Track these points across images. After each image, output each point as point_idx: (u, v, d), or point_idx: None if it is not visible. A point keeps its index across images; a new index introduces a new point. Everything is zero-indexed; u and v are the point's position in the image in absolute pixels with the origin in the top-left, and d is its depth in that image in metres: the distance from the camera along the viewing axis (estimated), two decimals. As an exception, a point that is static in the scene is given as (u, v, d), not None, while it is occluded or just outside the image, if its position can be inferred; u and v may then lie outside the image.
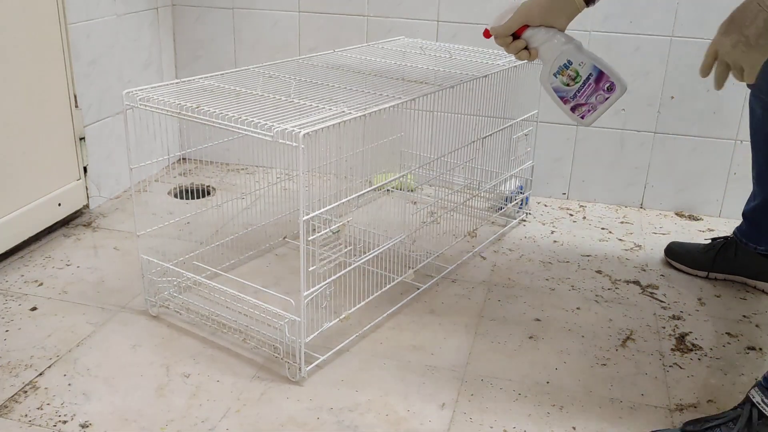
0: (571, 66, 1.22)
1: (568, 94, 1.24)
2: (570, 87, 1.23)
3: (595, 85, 1.22)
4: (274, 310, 1.23)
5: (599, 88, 1.22)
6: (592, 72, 1.21)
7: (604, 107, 1.24)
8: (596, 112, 1.25)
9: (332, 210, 1.19)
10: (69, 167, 1.74)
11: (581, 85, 1.23)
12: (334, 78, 1.42)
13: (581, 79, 1.22)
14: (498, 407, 1.15)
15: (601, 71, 1.21)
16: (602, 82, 1.22)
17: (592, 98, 1.23)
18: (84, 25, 1.75)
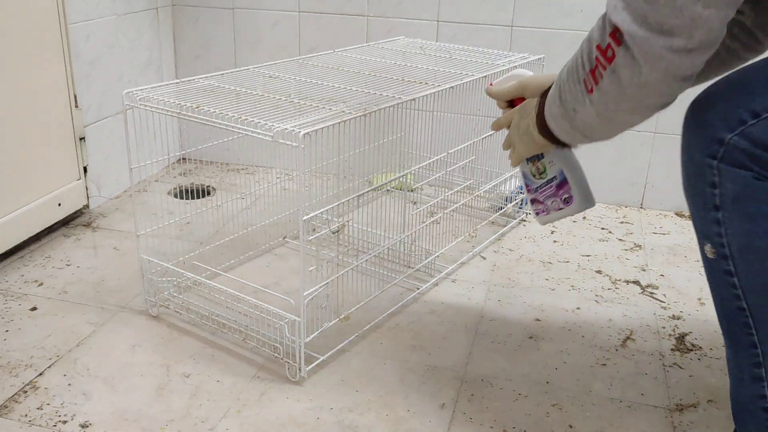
0: (541, 159, 1.13)
1: (532, 185, 1.17)
2: (535, 179, 1.15)
3: (555, 190, 1.13)
4: (274, 310, 1.23)
5: (558, 195, 1.13)
6: (557, 176, 1.12)
7: (557, 215, 1.15)
8: (549, 216, 1.16)
9: (332, 210, 1.19)
10: (69, 167, 1.74)
11: (544, 183, 1.14)
12: (334, 78, 1.42)
13: (546, 177, 1.13)
14: (498, 407, 1.15)
15: (565, 179, 1.12)
16: (562, 190, 1.13)
17: (549, 201, 1.15)
18: (84, 25, 1.75)
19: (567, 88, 0.86)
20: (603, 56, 0.77)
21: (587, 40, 0.81)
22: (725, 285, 0.88)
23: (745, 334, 0.89)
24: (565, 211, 1.15)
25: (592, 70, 0.80)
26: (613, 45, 0.76)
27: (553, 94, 0.91)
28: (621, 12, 0.74)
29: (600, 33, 0.78)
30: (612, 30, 0.76)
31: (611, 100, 0.80)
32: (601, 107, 0.82)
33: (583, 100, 0.83)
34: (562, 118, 0.90)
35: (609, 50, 0.76)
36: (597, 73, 0.79)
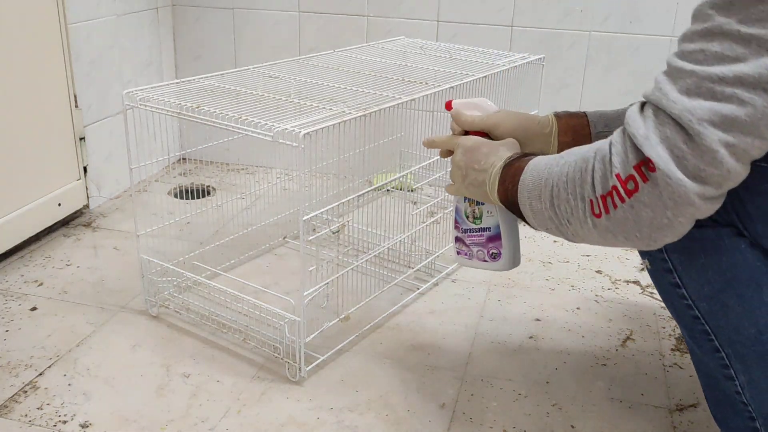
0: (480, 205, 1.05)
1: (462, 224, 1.08)
2: (467, 221, 1.07)
3: (486, 241, 1.06)
4: (274, 310, 1.23)
5: (486, 247, 1.06)
6: (491, 228, 1.04)
7: (479, 265, 1.09)
8: (470, 262, 1.09)
9: (332, 210, 1.19)
10: (69, 167, 1.74)
11: (476, 229, 1.07)
12: (334, 78, 1.42)
13: (480, 224, 1.06)
14: (498, 407, 1.15)
15: (498, 235, 1.04)
16: (492, 244, 1.05)
17: (475, 249, 1.08)
18: (84, 25, 1.75)
19: (564, 198, 0.80)
20: (623, 186, 0.72)
21: (600, 159, 0.75)
22: (676, 297, 0.90)
23: (706, 341, 0.90)
24: (489, 266, 1.08)
25: (605, 195, 0.74)
26: (638, 179, 0.71)
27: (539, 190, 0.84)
28: (656, 147, 0.69)
29: (622, 161, 0.72)
30: (639, 162, 0.70)
31: (620, 231, 0.75)
32: (607, 234, 0.77)
33: (585, 219, 0.78)
34: (548, 219, 0.84)
35: (631, 182, 0.71)
36: (610, 202, 0.74)
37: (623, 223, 0.74)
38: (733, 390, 0.91)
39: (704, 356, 0.93)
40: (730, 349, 0.89)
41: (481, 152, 0.97)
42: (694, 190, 0.69)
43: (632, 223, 0.73)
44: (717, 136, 0.67)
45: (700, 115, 0.67)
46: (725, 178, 0.69)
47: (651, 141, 0.70)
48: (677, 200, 0.70)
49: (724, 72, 0.67)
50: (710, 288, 0.86)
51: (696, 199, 0.70)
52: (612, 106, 1.94)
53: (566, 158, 0.81)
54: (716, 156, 0.67)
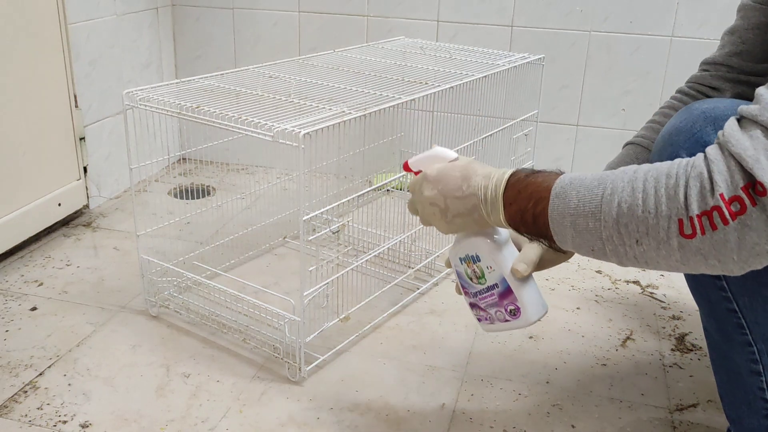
0: (478, 262, 0.92)
1: (469, 288, 0.96)
2: (472, 283, 0.95)
3: (499, 299, 0.93)
4: (274, 310, 1.23)
5: (502, 305, 0.93)
6: (499, 284, 0.92)
7: (505, 327, 0.95)
8: (494, 326, 0.96)
9: (332, 210, 1.19)
10: (69, 167, 1.74)
11: (484, 289, 0.94)
12: (334, 78, 1.42)
13: (485, 283, 0.93)
14: (498, 407, 1.15)
15: (508, 288, 0.91)
16: (507, 300, 0.92)
17: (492, 311, 0.95)
18: (84, 25, 1.75)
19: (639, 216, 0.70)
20: (727, 207, 0.66)
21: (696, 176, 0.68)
22: (714, 289, 0.88)
23: (738, 334, 0.89)
24: (513, 324, 0.94)
25: (701, 215, 0.67)
26: (746, 200, 0.66)
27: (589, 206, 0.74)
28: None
29: (726, 180, 0.66)
30: (747, 183, 0.66)
31: (717, 254, 0.69)
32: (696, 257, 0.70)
33: (666, 240, 0.70)
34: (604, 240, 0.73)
35: (737, 203, 0.66)
36: (707, 222, 0.67)
37: (722, 246, 0.68)
38: (757, 386, 0.91)
39: (732, 350, 0.90)
40: (764, 345, 0.88)
41: (454, 177, 0.86)
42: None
43: (733, 245, 0.67)
44: None
45: None
46: None
47: (762, 164, 0.65)
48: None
49: None
50: (754, 282, 0.84)
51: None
52: (612, 105, 1.94)
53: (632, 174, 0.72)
54: None
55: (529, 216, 0.79)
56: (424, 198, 0.89)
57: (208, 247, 1.57)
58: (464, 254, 0.93)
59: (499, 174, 0.83)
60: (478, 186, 0.84)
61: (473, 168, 0.86)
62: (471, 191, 0.84)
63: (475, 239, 0.91)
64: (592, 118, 1.96)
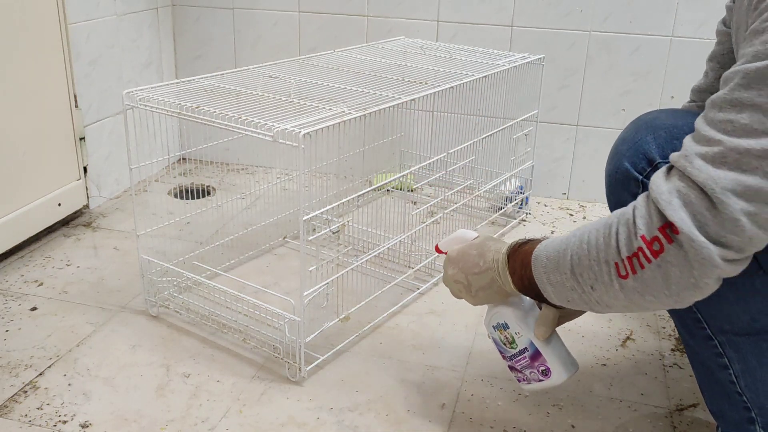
0: (507, 329, 1.01)
1: (505, 352, 1.04)
2: (507, 348, 1.03)
3: (530, 361, 1.01)
4: (274, 310, 1.23)
5: (534, 366, 1.02)
6: (528, 347, 1.00)
7: (540, 387, 1.03)
8: (531, 386, 1.04)
9: (332, 210, 1.19)
10: (69, 167, 1.74)
11: (517, 353, 1.02)
12: (334, 78, 1.42)
13: (516, 347, 1.02)
14: (498, 407, 1.15)
15: (537, 351, 1.00)
16: (537, 362, 1.01)
17: (527, 372, 1.03)
18: (84, 25, 1.75)
19: (586, 264, 0.80)
20: (648, 248, 0.74)
21: (624, 223, 0.76)
22: None
23: (698, 329, 0.92)
24: (546, 384, 1.02)
25: (630, 257, 0.75)
26: (663, 240, 0.72)
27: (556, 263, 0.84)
28: (679, 210, 0.71)
29: (646, 222, 0.73)
30: (663, 224, 0.72)
31: (649, 291, 0.76)
32: (635, 295, 0.77)
33: (610, 283, 0.78)
34: (570, 290, 0.83)
35: (656, 243, 0.73)
36: (636, 262, 0.75)
37: (652, 282, 0.75)
38: (728, 380, 0.92)
39: (697, 346, 0.94)
40: (723, 337, 0.90)
41: (471, 255, 0.97)
42: (717, 253, 0.70)
43: (661, 281, 0.74)
44: (739, 205, 0.68)
45: (723, 184, 0.68)
46: (747, 244, 0.70)
47: (674, 205, 0.71)
48: (701, 261, 0.71)
49: (751, 145, 0.68)
50: None
51: (719, 261, 0.70)
52: (612, 105, 1.94)
53: (583, 230, 0.82)
54: (737, 224, 0.69)
55: (526, 281, 0.89)
56: (449, 276, 1.01)
57: (208, 247, 1.57)
58: (495, 323, 1.02)
59: (505, 247, 0.93)
60: (491, 260, 0.94)
61: (487, 245, 0.96)
62: (486, 266, 0.94)
63: (501, 308, 1.00)
64: (592, 118, 1.96)
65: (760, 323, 0.86)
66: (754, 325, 0.86)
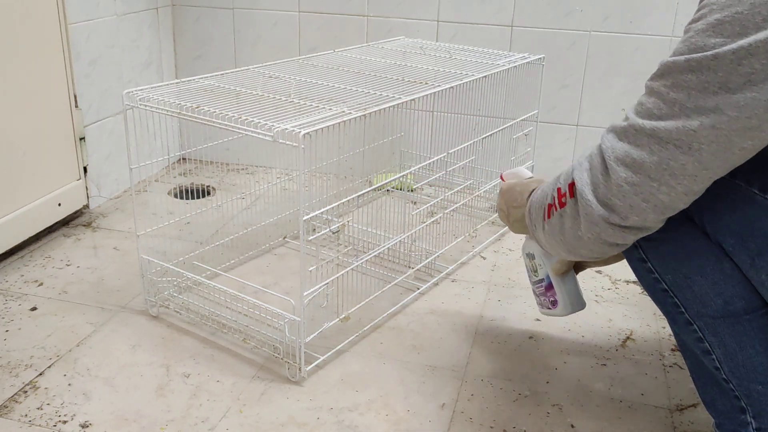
0: (533, 260, 1.20)
1: (530, 278, 1.24)
2: (533, 275, 1.23)
3: (545, 290, 1.21)
4: (274, 310, 1.23)
5: (547, 296, 1.21)
6: (545, 279, 1.19)
7: (549, 313, 1.23)
8: (543, 310, 1.24)
9: (332, 210, 1.19)
10: (69, 167, 1.74)
11: (537, 281, 1.22)
12: (334, 78, 1.42)
13: (538, 276, 1.21)
14: (498, 407, 1.15)
15: (551, 284, 1.19)
16: (549, 293, 1.20)
17: (542, 299, 1.23)
18: (84, 25, 1.75)
19: (536, 205, 0.96)
20: (558, 199, 0.89)
21: (558, 176, 0.91)
22: (644, 272, 0.96)
23: (677, 314, 0.95)
24: (553, 312, 1.22)
25: (550, 205, 0.91)
26: (568, 194, 0.87)
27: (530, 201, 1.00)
28: (582, 173, 0.84)
29: (565, 179, 0.88)
30: (571, 181, 0.86)
31: (553, 236, 0.92)
32: (547, 236, 0.94)
33: (541, 225, 0.94)
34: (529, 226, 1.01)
35: (564, 197, 0.88)
36: (551, 210, 0.91)
37: (554, 229, 0.91)
38: (713, 366, 0.94)
39: (681, 332, 0.97)
40: (701, 322, 0.92)
41: (516, 191, 1.10)
42: (600, 213, 0.82)
43: (558, 230, 0.90)
44: (625, 174, 0.79)
45: (617, 154, 0.80)
46: (629, 211, 0.80)
47: (582, 167, 0.85)
48: (586, 217, 0.84)
49: (645, 124, 0.78)
50: (672, 260, 0.92)
51: (600, 221, 0.83)
52: (612, 105, 1.95)
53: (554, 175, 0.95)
54: (621, 190, 0.80)
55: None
56: (498, 204, 1.16)
57: (208, 247, 1.57)
58: (527, 251, 1.21)
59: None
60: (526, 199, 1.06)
61: (530, 186, 1.08)
62: (521, 203, 1.07)
63: (532, 241, 1.17)
64: (592, 118, 1.96)
65: (733, 306, 0.89)
66: (729, 308, 0.89)
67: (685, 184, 0.77)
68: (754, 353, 0.90)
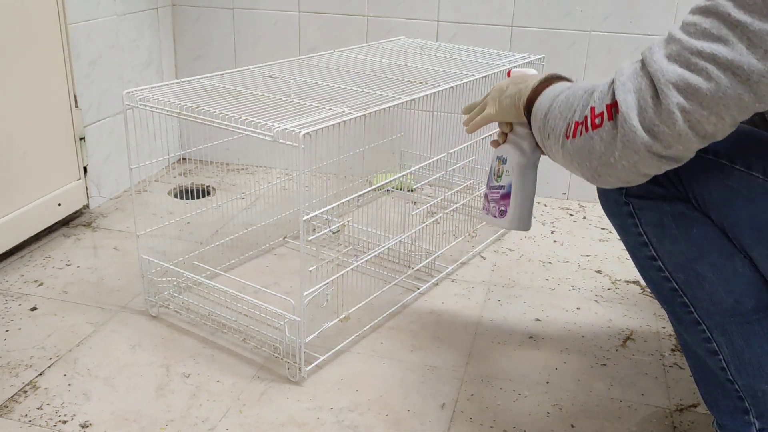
0: (504, 165, 1.15)
1: (490, 180, 1.19)
2: (494, 179, 1.18)
3: (500, 198, 1.16)
4: (274, 310, 1.23)
5: (499, 204, 1.17)
6: (506, 186, 1.15)
7: (491, 221, 1.19)
8: (486, 217, 1.20)
9: (332, 210, 1.19)
10: (69, 167, 1.74)
11: (496, 186, 1.17)
12: (334, 78, 1.42)
13: (499, 181, 1.16)
14: (498, 407, 1.15)
15: (509, 193, 1.15)
16: (504, 201, 1.16)
17: (491, 205, 1.19)
18: (84, 25, 1.75)
19: (556, 114, 0.88)
20: (591, 119, 0.80)
21: (591, 91, 0.83)
22: (653, 269, 0.94)
23: (685, 313, 0.93)
24: (496, 222, 1.18)
25: (578, 123, 0.83)
26: (605, 116, 0.79)
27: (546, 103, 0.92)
28: (627, 93, 0.76)
29: (601, 97, 0.80)
30: (611, 103, 0.78)
31: (577, 157, 0.84)
32: (567, 156, 0.86)
33: (558, 138, 0.87)
34: (537, 130, 0.93)
35: (599, 117, 0.79)
36: (579, 129, 0.83)
37: (581, 151, 0.83)
38: (719, 366, 0.93)
39: (687, 333, 0.95)
40: (710, 321, 0.91)
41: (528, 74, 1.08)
42: (643, 140, 0.75)
43: (587, 152, 0.82)
44: (677, 99, 0.73)
45: (669, 77, 0.73)
46: (675, 140, 0.74)
47: (626, 87, 0.77)
48: (626, 144, 0.76)
49: (704, 47, 0.71)
50: (683, 258, 0.89)
51: (642, 148, 0.76)
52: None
53: (578, 86, 0.88)
54: (671, 116, 0.73)
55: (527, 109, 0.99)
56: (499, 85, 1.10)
57: (208, 247, 1.57)
58: (500, 154, 1.16)
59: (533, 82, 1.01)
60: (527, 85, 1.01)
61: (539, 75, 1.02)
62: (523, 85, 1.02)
63: (511, 147, 1.13)
64: (592, 118, 1.96)
65: (743, 305, 0.88)
66: (739, 307, 0.88)
67: (733, 115, 0.72)
68: (761, 353, 0.90)
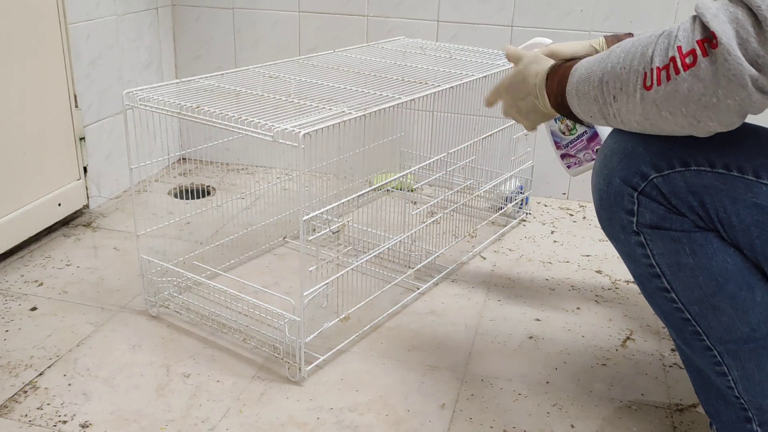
0: (564, 121, 1.24)
1: (561, 141, 1.27)
2: (565, 136, 1.27)
3: (587, 143, 1.25)
4: (274, 310, 1.23)
5: (589, 147, 1.25)
6: (587, 131, 1.24)
7: (589, 166, 1.27)
8: (581, 167, 1.28)
9: (332, 210, 1.19)
10: (69, 167, 1.74)
11: (575, 138, 1.25)
12: (334, 78, 1.42)
13: (576, 132, 1.25)
14: (498, 407, 1.15)
15: (595, 133, 1.24)
16: (594, 142, 1.24)
17: (581, 154, 1.27)
18: (84, 25, 1.75)
19: (617, 72, 0.78)
20: (681, 59, 0.71)
21: (666, 35, 0.74)
22: (664, 300, 0.90)
23: (696, 341, 0.91)
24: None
25: (661, 67, 0.73)
26: (698, 52, 0.70)
27: (588, 72, 0.83)
28: (724, 24, 0.69)
29: (686, 35, 0.71)
30: (704, 37, 0.70)
31: (668, 106, 0.74)
32: (653, 109, 0.76)
33: (633, 92, 0.76)
34: (593, 101, 0.83)
35: (690, 56, 0.71)
36: (665, 74, 0.73)
37: (672, 97, 0.73)
38: (726, 385, 0.92)
39: (695, 356, 0.94)
40: (722, 347, 0.89)
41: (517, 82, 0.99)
42: (750, 72, 0.68)
43: (682, 97, 0.72)
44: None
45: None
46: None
47: (719, 18, 0.69)
48: (731, 79, 0.68)
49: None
50: (701, 292, 0.86)
51: (749, 82, 0.68)
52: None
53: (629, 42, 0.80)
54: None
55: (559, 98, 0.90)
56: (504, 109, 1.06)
57: (208, 247, 1.57)
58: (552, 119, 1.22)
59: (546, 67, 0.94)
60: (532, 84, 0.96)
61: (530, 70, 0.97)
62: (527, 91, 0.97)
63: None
64: (592, 118, 1.96)
65: (759, 333, 0.86)
66: (754, 335, 0.86)
67: None
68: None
